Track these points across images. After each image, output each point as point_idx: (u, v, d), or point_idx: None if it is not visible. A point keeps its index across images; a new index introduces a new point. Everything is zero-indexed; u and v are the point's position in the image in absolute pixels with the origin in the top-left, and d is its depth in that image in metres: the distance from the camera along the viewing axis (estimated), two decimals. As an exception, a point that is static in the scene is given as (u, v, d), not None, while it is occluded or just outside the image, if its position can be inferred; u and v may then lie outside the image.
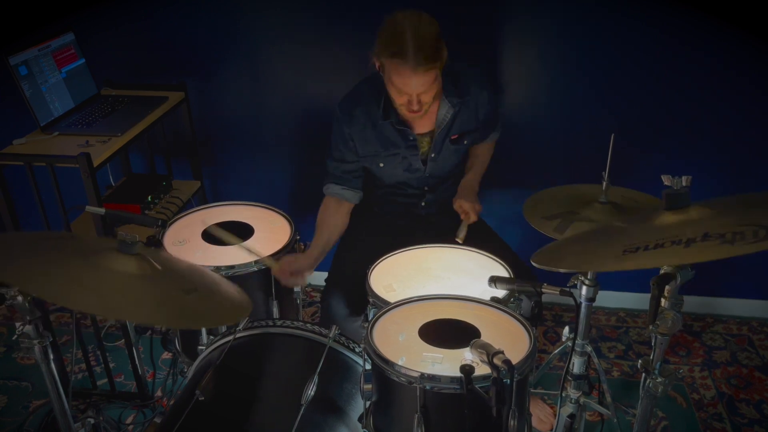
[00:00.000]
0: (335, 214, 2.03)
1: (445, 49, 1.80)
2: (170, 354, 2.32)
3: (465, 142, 2.05)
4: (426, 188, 2.11)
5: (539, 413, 2.16)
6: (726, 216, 1.16)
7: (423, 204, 2.14)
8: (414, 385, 1.22)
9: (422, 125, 1.99)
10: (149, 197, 2.32)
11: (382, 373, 1.28)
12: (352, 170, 2.04)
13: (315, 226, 2.03)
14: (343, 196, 2.04)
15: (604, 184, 1.77)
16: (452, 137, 2.01)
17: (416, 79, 1.76)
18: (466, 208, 1.98)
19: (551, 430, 2.13)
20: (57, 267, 1.13)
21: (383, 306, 1.49)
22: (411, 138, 1.98)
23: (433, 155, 2.02)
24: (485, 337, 1.32)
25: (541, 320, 2.62)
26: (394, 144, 1.99)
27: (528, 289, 1.47)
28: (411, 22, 1.75)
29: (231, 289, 1.37)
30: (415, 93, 1.80)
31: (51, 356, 1.29)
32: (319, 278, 2.77)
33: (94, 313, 1.99)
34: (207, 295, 1.27)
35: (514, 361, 1.19)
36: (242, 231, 1.91)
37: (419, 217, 2.17)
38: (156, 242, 1.80)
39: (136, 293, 1.15)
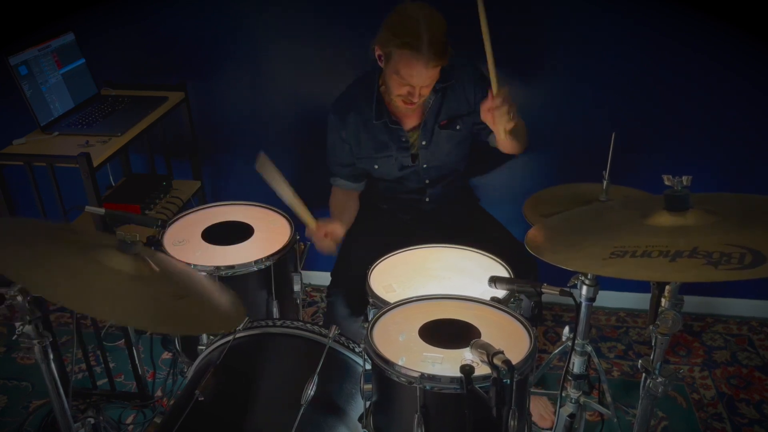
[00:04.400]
0: (347, 201, 2.13)
1: (447, 48, 1.81)
2: (170, 354, 2.32)
3: (458, 127, 2.03)
4: (427, 181, 2.10)
5: (541, 410, 2.16)
6: (723, 227, 1.16)
7: (427, 200, 2.14)
8: (414, 385, 1.22)
9: (411, 120, 1.99)
10: (149, 197, 2.32)
11: (382, 373, 1.28)
12: (354, 174, 2.10)
13: (332, 212, 2.10)
14: (351, 187, 2.13)
15: (605, 183, 1.77)
16: (441, 123, 2.00)
17: (426, 72, 1.79)
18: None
19: (552, 427, 2.13)
20: (53, 260, 1.13)
21: (383, 306, 1.49)
22: (403, 139, 1.98)
23: (423, 143, 2.01)
24: (485, 337, 1.32)
25: (541, 320, 2.62)
26: (386, 146, 2.00)
27: (528, 289, 1.47)
28: (424, 15, 1.76)
29: (224, 299, 1.36)
30: (419, 86, 1.82)
31: (51, 356, 1.29)
32: (319, 278, 2.78)
33: (85, 312, 1.98)
34: (198, 303, 1.28)
35: (514, 361, 1.19)
36: (242, 231, 1.90)
37: (424, 213, 2.17)
38: (156, 242, 1.80)
39: (129, 295, 1.15)
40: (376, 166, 2.06)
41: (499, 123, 1.76)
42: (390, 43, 1.79)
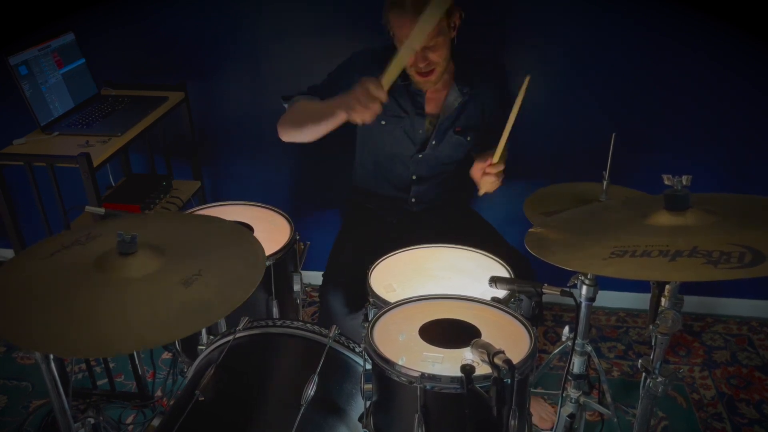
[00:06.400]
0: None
1: (455, 6, 1.79)
2: (170, 354, 2.32)
3: (468, 138, 2.03)
4: (414, 177, 2.09)
5: (540, 411, 2.16)
6: (722, 227, 1.16)
7: (413, 200, 2.14)
8: (414, 384, 1.22)
9: (431, 106, 1.99)
10: (149, 197, 2.32)
11: (383, 372, 1.28)
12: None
13: (293, 120, 1.99)
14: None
15: (605, 182, 1.78)
16: (456, 129, 2.00)
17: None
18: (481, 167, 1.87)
19: (552, 428, 2.13)
20: (60, 307, 1.12)
21: (383, 306, 1.49)
22: (420, 102, 1.97)
23: (434, 142, 2.01)
24: (486, 337, 1.32)
25: (541, 320, 2.62)
26: (403, 108, 1.99)
27: (528, 289, 1.47)
28: None
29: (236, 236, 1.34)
30: (419, 47, 1.79)
31: (51, 356, 1.29)
32: (319, 278, 2.78)
33: (114, 354, 1.97)
34: (212, 274, 1.24)
35: (515, 361, 1.19)
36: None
37: (411, 215, 2.17)
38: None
39: (146, 306, 1.13)
40: (383, 122, 2.01)
41: (484, 186, 1.90)
42: (385, 11, 1.82)
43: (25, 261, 1.29)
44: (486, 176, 1.88)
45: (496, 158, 1.81)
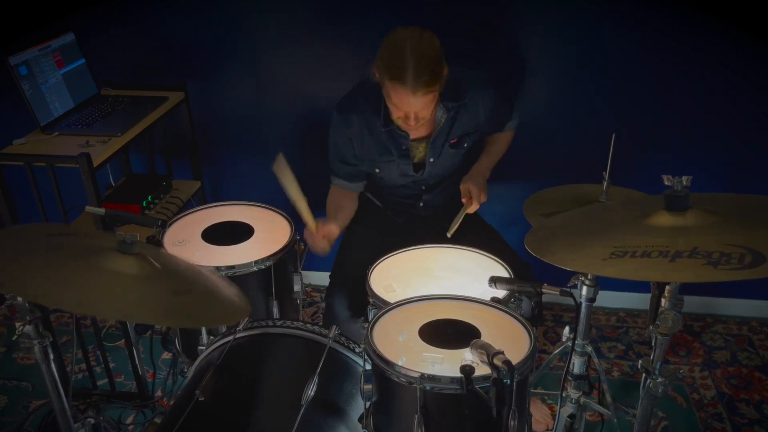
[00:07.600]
0: (344, 200, 2.11)
1: (445, 68, 1.78)
2: (170, 354, 2.32)
3: (465, 144, 2.05)
4: (423, 188, 2.11)
5: (536, 413, 2.16)
6: (722, 227, 1.16)
7: (421, 204, 2.15)
8: (414, 385, 1.22)
9: (419, 131, 1.99)
10: (149, 197, 2.32)
11: (383, 373, 1.28)
12: (355, 173, 2.09)
13: (328, 211, 2.09)
14: (349, 188, 2.12)
15: (605, 183, 1.77)
16: (452, 141, 2.01)
17: (415, 100, 1.76)
18: (473, 193, 1.97)
19: (547, 429, 2.13)
20: (55, 270, 1.13)
21: (383, 306, 1.49)
22: (404, 148, 1.99)
23: (432, 159, 2.03)
24: (485, 338, 1.32)
25: (541, 320, 2.62)
26: (389, 151, 2.00)
27: (528, 289, 1.47)
28: (411, 43, 1.73)
29: (229, 291, 1.36)
30: (413, 111, 1.81)
31: (51, 356, 1.29)
32: (319, 278, 2.78)
33: (93, 314, 2.00)
34: (204, 296, 1.28)
35: (515, 361, 1.19)
36: (242, 231, 1.91)
37: (418, 217, 2.18)
38: (156, 242, 1.80)
39: (134, 293, 1.16)
40: (378, 170, 2.06)
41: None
42: (380, 73, 1.80)
43: (19, 230, 1.32)
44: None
45: (449, 233, 1.94)
